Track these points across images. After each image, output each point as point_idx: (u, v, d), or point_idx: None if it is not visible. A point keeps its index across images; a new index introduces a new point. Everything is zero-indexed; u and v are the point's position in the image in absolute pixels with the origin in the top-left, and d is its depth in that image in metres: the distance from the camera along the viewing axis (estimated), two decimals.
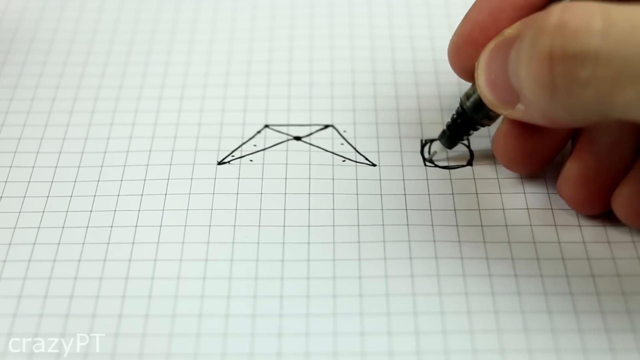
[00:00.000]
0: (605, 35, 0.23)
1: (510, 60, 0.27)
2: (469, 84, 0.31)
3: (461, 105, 0.31)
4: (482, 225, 0.31)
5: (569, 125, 0.28)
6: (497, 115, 0.31)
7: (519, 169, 0.32)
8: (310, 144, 0.35)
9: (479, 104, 0.30)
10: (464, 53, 0.30)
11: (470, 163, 0.34)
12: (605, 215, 0.31)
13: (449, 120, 0.33)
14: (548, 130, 0.30)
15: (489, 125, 0.32)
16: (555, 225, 0.31)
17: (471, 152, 0.34)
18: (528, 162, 0.31)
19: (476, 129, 0.32)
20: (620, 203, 0.30)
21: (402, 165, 0.34)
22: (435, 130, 0.35)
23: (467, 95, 0.31)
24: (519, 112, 0.28)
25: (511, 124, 0.31)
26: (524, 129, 0.30)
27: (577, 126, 0.28)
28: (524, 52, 0.25)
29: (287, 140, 0.35)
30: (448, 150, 0.34)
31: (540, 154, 0.31)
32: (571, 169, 0.30)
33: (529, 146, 0.31)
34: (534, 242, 0.31)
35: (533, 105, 0.26)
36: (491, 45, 0.28)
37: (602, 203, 0.30)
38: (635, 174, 0.29)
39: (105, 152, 0.34)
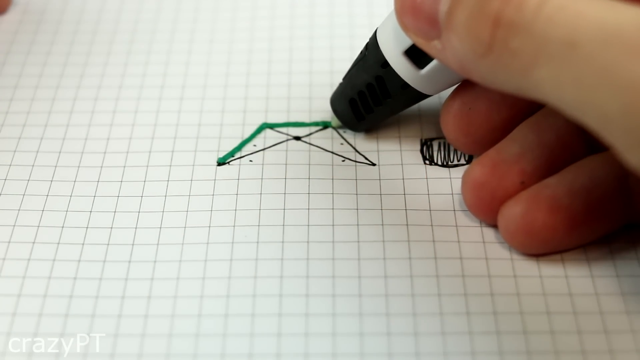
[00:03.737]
0: (538, 10, 0.23)
1: None
2: None
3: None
4: (481, 226, 0.31)
5: (480, 81, 0.27)
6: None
7: (459, 146, 0.32)
8: (310, 144, 0.35)
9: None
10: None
11: (469, 161, 0.34)
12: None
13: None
14: (484, 115, 0.31)
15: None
16: None
17: None
18: (465, 141, 0.32)
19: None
20: (504, 221, 0.30)
21: (402, 165, 0.34)
22: (436, 129, 0.35)
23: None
24: (433, 48, 0.28)
25: (452, 99, 0.31)
26: (462, 108, 0.31)
27: (490, 87, 0.27)
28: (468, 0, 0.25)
29: (287, 140, 0.35)
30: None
31: (476, 136, 0.32)
32: (470, 171, 0.31)
33: (464, 125, 0.31)
34: None
35: (455, 50, 0.26)
36: None
37: (491, 213, 0.30)
38: (526, 194, 0.29)
39: (105, 153, 0.35)
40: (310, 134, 0.35)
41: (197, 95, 0.37)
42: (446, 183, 0.33)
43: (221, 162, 0.34)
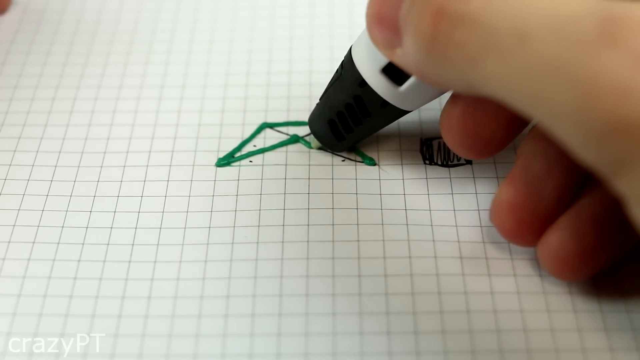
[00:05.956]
0: (486, 1, 0.23)
1: (405, 1, 0.26)
2: None
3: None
4: (481, 226, 0.31)
5: (438, 85, 0.27)
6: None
7: (465, 152, 0.30)
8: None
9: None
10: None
11: (469, 161, 0.34)
12: None
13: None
14: (491, 113, 0.29)
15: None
16: None
17: None
18: (473, 144, 0.30)
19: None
20: (545, 252, 0.28)
21: (402, 164, 0.34)
22: (436, 129, 0.35)
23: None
24: (397, 56, 0.27)
25: (453, 103, 0.29)
26: (466, 110, 0.29)
27: (447, 89, 0.27)
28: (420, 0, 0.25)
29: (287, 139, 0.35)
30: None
31: (485, 136, 0.29)
32: (502, 194, 0.28)
33: (471, 126, 0.29)
34: None
35: (410, 53, 0.26)
36: None
37: (533, 235, 0.28)
38: (565, 220, 0.27)
39: (105, 153, 0.35)
40: (310, 133, 0.35)
41: (197, 95, 0.37)
42: (446, 183, 0.33)
43: (221, 163, 0.34)
